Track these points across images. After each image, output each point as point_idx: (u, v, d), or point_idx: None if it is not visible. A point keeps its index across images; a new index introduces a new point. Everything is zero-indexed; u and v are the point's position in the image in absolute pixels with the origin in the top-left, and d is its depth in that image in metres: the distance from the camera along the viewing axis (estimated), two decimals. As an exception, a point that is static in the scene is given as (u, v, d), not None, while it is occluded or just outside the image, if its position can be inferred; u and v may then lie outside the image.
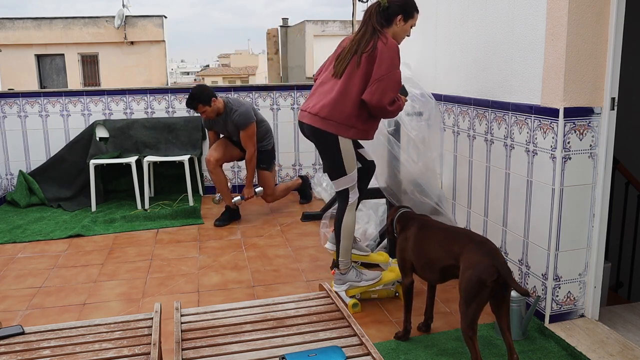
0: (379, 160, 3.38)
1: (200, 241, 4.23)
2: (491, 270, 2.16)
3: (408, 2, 2.80)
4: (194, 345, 1.79)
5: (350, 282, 2.94)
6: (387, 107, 2.67)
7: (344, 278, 2.94)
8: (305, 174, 5.71)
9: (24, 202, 5.15)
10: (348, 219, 2.87)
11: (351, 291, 3.00)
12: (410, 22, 2.83)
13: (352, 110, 2.71)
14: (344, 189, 2.85)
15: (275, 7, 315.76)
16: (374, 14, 2.76)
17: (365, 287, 2.99)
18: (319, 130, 2.79)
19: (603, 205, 2.66)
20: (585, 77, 2.57)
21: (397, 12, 2.76)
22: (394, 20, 2.77)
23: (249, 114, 4.41)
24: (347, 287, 2.95)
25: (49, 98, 5.39)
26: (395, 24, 2.78)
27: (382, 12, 2.76)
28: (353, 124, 2.74)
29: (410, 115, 3.39)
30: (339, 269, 2.94)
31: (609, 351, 2.48)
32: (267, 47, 24.07)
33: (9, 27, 17.90)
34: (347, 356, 1.66)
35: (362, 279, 2.96)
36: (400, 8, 2.77)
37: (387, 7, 2.75)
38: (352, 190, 2.85)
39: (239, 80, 34.41)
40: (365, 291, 3.06)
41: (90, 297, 3.26)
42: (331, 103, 2.74)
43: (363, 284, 2.96)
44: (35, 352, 1.77)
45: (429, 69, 3.90)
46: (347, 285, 2.94)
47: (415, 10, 2.83)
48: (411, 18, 2.82)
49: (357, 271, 2.97)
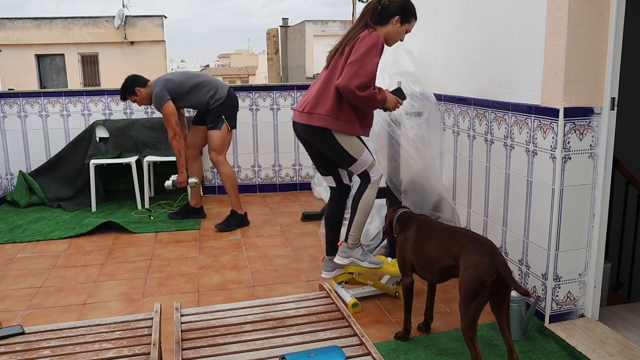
0: (379, 157, 3.39)
1: (200, 241, 4.23)
2: (491, 270, 2.15)
3: (408, 6, 2.82)
4: (194, 345, 1.79)
5: (355, 258, 2.94)
6: (355, 91, 2.63)
7: (349, 252, 2.94)
8: (305, 174, 5.72)
9: (24, 202, 5.15)
10: (369, 194, 2.88)
11: (351, 268, 3.00)
12: (407, 27, 2.85)
13: (334, 101, 2.73)
14: (363, 171, 2.87)
15: (274, 7, 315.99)
16: (370, 11, 2.78)
17: (366, 269, 2.99)
18: (307, 127, 2.81)
19: (603, 205, 2.66)
20: (585, 77, 2.57)
21: (396, 12, 2.78)
22: (390, 20, 2.78)
23: (160, 94, 4.23)
24: (349, 262, 2.95)
25: (49, 98, 5.39)
26: (391, 24, 2.79)
27: (380, 10, 2.77)
28: (337, 115, 2.74)
29: (409, 114, 3.39)
30: (346, 242, 2.94)
31: (609, 351, 2.48)
32: (267, 47, 24.07)
33: (9, 27, 17.90)
34: (347, 356, 1.66)
35: (366, 260, 2.96)
36: (400, 9, 2.78)
37: (387, 5, 2.76)
38: (371, 170, 2.86)
39: (239, 80, 34.43)
40: (362, 274, 3.06)
41: (90, 297, 3.26)
42: (315, 97, 2.79)
43: (365, 264, 2.96)
44: (35, 352, 1.77)
45: (429, 69, 3.90)
46: (349, 261, 2.94)
47: (413, 16, 2.85)
48: (408, 23, 2.84)
49: (364, 251, 2.97)
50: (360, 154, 2.82)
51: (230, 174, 4.46)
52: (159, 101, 4.24)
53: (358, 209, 2.89)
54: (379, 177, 2.90)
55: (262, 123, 5.57)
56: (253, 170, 5.66)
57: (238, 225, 4.50)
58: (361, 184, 2.91)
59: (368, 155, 2.86)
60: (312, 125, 2.78)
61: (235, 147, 5.56)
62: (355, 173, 2.90)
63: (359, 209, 2.89)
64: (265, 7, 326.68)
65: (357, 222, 2.91)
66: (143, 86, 4.36)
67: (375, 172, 2.88)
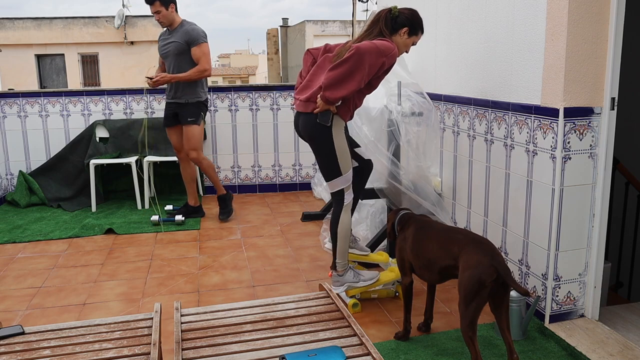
0: (376, 162, 3.38)
1: (200, 241, 4.23)
2: (490, 270, 2.16)
3: (416, 19, 2.86)
4: (194, 345, 1.79)
5: (348, 283, 2.94)
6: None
7: (341, 279, 2.94)
8: (305, 174, 5.72)
9: (24, 202, 5.15)
10: (344, 220, 2.86)
11: (350, 292, 3.00)
12: (413, 39, 2.89)
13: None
14: (339, 190, 2.85)
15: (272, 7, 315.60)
16: (383, 18, 2.81)
17: (364, 288, 2.99)
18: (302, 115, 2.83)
19: (603, 205, 2.66)
20: (585, 77, 2.57)
21: (404, 24, 2.82)
22: (399, 31, 2.83)
23: (203, 32, 4.34)
24: (345, 289, 2.95)
25: (49, 98, 5.39)
26: (400, 35, 2.83)
27: (390, 20, 2.81)
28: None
29: (406, 117, 3.39)
30: (336, 271, 2.94)
31: (609, 351, 2.48)
32: (267, 47, 24.09)
33: (9, 27, 17.90)
34: (347, 356, 1.66)
35: (360, 280, 2.95)
36: (408, 21, 2.83)
37: (397, 16, 2.82)
38: (347, 192, 2.85)
39: (239, 80, 34.41)
40: (365, 291, 3.06)
41: (90, 297, 3.26)
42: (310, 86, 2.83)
43: (361, 284, 2.95)
44: (35, 352, 1.77)
45: (429, 69, 3.90)
46: (345, 287, 2.94)
47: (420, 29, 2.89)
48: (415, 35, 2.88)
49: (355, 272, 2.96)
50: (347, 171, 2.82)
51: (211, 163, 4.65)
52: (203, 36, 4.32)
53: (338, 237, 2.88)
54: (350, 200, 2.89)
55: (262, 123, 5.57)
56: (253, 170, 5.66)
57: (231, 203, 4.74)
58: (335, 208, 2.89)
59: (350, 176, 2.85)
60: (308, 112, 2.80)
61: (236, 147, 5.57)
62: (332, 190, 2.87)
63: (339, 236, 2.88)
64: (263, 7, 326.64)
65: (340, 249, 2.90)
66: (176, 9, 4.34)
67: (349, 195, 2.88)
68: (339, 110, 2.75)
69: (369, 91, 2.88)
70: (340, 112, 2.76)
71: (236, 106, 5.51)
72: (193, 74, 4.29)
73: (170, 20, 4.33)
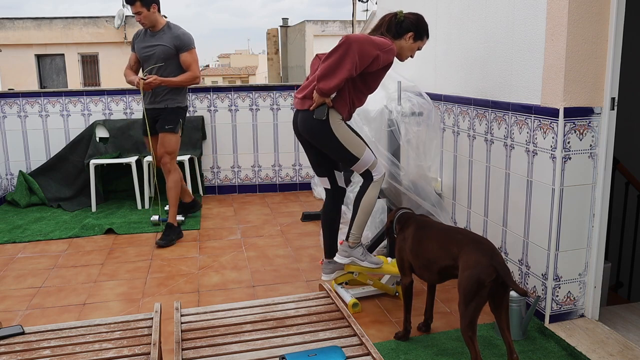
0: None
1: (200, 241, 4.23)
2: (489, 270, 2.16)
3: (421, 24, 2.89)
4: (194, 345, 1.79)
5: (355, 258, 2.95)
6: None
7: (350, 251, 2.94)
8: (305, 174, 5.72)
9: (24, 202, 5.15)
10: (371, 194, 2.88)
11: (351, 267, 3.01)
12: (419, 44, 2.92)
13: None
14: (365, 170, 2.88)
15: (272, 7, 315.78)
16: (386, 23, 2.83)
17: (366, 269, 2.99)
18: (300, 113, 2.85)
19: (603, 205, 2.66)
20: (585, 77, 2.57)
21: (410, 28, 2.85)
22: (404, 35, 2.85)
23: (192, 38, 4.16)
24: (349, 261, 2.95)
25: (49, 98, 5.40)
26: (405, 39, 2.86)
27: (395, 24, 2.82)
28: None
29: (406, 117, 3.39)
30: (347, 241, 2.95)
31: (609, 351, 2.48)
32: (267, 47, 24.09)
33: (9, 27, 17.91)
34: (347, 356, 1.66)
35: (366, 259, 2.97)
36: (413, 26, 2.86)
37: (402, 20, 2.84)
38: (373, 169, 2.87)
39: (239, 80, 34.43)
40: (362, 273, 3.06)
41: (90, 297, 3.26)
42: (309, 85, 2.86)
43: (365, 264, 2.96)
44: (35, 352, 1.77)
45: (429, 69, 3.90)
46: (350, 260, 2.95)
47: (426, 34, 2.92)
48: (420, 40, 2.92)
49: (364, 250, 2.98)
50: (362, 153, 2.83)
51: (179, 182, 4.27)
52: (191, 41, 4.14)
53: (359, 209, 2.89)
54: (381, 175, 2.91)
55: (262, 123, 5.57)
56: (253, 170, 5.66)
57: (177, 237, 4.23)
58: (363, 182, 2.92)
59: (370, 155, 2.87)
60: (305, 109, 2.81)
61: (236, 147, 5.57)
62: (358, 172, 2.91)
63: (360, 209, 2.89)
64: (263, 7, 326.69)
65: (358, 222, 2.92)
66: (159, 9, 4.10)
67: (378, 171, 2.89)
68: (335, 104, 2.76)
69: (368, 91, 2.88)
70: (336, 106, 2.77)
71: (236, 106, 5.51)
72: (185, 80, 4.12)
73: (153, 21, 4.09)
